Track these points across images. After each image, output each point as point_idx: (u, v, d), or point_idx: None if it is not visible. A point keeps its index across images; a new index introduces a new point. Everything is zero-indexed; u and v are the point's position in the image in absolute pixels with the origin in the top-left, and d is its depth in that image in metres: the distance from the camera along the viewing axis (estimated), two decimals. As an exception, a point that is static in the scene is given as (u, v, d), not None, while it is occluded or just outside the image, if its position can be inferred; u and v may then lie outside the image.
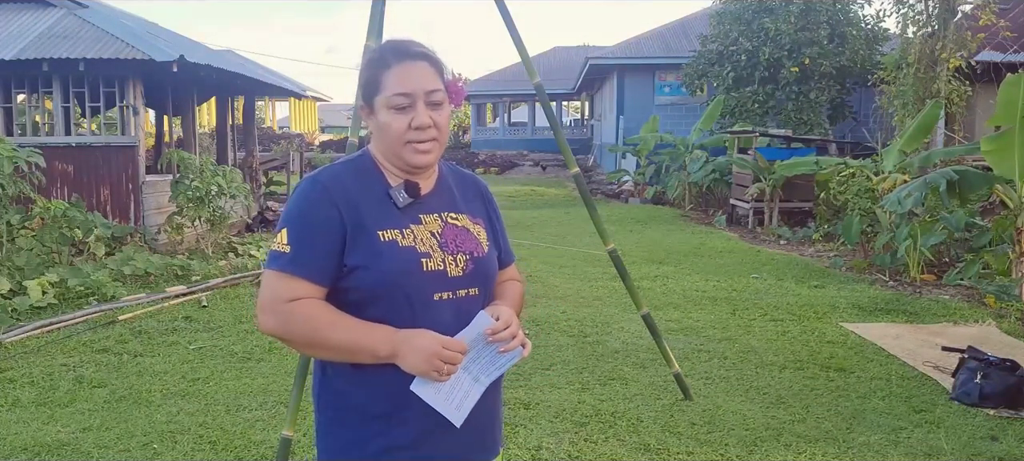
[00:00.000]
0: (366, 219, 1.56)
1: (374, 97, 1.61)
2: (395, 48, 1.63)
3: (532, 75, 4.10)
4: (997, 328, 5.92)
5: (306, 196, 1.58)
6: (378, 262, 1.54)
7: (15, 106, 9.93)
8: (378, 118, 1.62)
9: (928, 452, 3.69)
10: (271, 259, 1.57)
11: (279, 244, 1.56)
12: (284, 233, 1.56)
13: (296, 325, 1.53)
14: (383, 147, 1.63)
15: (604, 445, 3.75)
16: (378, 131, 1.63)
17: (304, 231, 1.55)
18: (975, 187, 7.21)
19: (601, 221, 4.36)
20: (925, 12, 10.95)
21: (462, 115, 45.42)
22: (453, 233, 1.65)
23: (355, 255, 1.54)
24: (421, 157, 1.61)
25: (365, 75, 1.63)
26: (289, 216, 1.58)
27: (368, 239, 1.55)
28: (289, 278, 1.54)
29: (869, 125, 14.89)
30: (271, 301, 1.55)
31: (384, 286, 1.54)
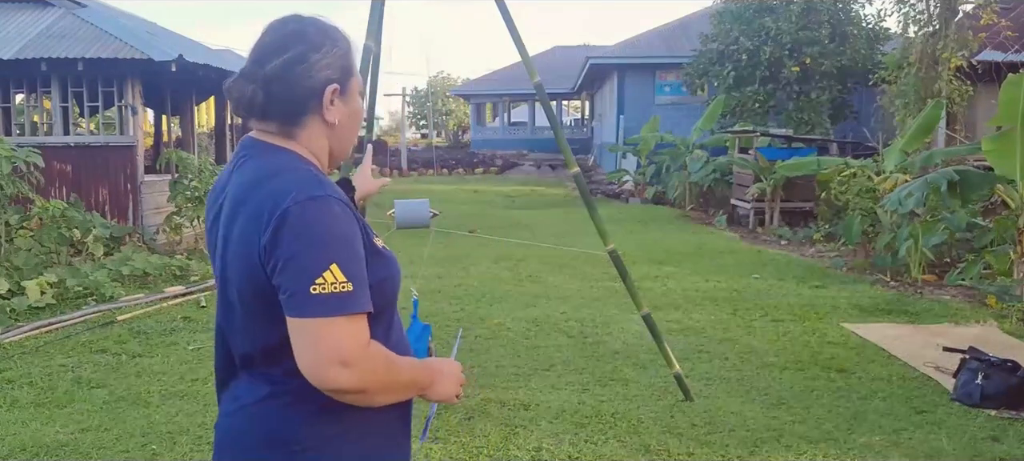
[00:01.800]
0: (368, 230, 1.45)
1: (350, 79, 1.46)
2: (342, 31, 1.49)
3: (532, 75, 4.09)
4: (998, 329, 5.90)
5: (334, 217, 1.33)
6: (388, 270, 1.46)
7: (13, 106, 9.92)
8: (351, 103, 1.47)
9: (929, 453, 3.68)
10: (332, 304, 1.28)
11: (334, 284, 1.28)
12: (335, 269, 1.29)
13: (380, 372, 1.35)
14: (341, 138, 1.48)
15: (604, 446, 3.73)
16: (350, 116, 1.47)
17: (354, 261, 1.33)
18: (976, 187, 7.19)
19: (601, 221, 4.34)
20: (926, 11, 10.94)
21: (462, 115, 45.47)
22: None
23: (373, 270, 1.40)
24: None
25: (342, 52, 1.45)
26: (331, 247, 1.31)
27: (375, 250, 1.44)
28: (361, 320, 1.32)
29: (870, 125, 14.86)
30: (354, 352, 1.30)
31: (395, 292, 1.49)
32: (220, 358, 1.50)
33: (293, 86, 1.40)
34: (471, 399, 4.35)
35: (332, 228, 1.31)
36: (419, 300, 4.80)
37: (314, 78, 1.41)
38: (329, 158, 1.49)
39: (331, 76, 1.42)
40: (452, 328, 5.84)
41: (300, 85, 1.40)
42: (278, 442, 1.38)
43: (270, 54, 1.40)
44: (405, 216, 4.70)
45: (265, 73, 1.39)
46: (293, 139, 1.43)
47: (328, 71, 1.41)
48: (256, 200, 1.34)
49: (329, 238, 1.30)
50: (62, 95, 9.40)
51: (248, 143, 1.45)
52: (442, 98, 46.76)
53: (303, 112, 1.42)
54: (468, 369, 4.88)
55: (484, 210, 14.80)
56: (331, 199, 1.33)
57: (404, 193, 15.15)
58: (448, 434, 3.88)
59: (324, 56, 1.41)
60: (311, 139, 1.44)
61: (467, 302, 6.74)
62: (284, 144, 1.43)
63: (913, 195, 7.08)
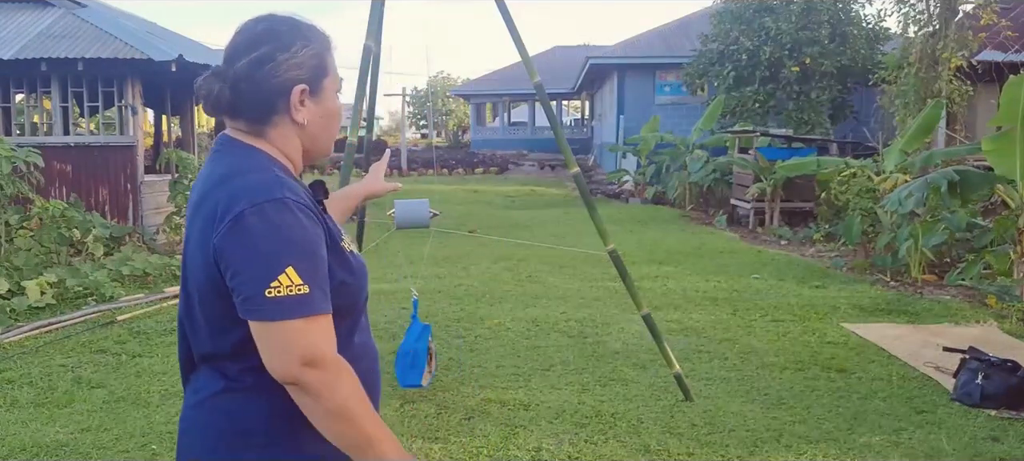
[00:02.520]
0: (332, 233, 1.44)
1: (323, 79, 1.44)
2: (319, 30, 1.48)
3: (532, 75, 4.09)
4: (998, 329, 5.90)
5: (292, 218, 1.32)
6: (352, 274, 1.46)
7: (13, 106, 9.92)
8: (325, 104, 1.45)
9: (929, 453, 3.68)
10: (288, 307, 1.28)
11: (291, 287, 1.28)
12: (291, 272, 1.29)
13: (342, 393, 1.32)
14: (314, 138, 1.46)
15: (604, 446, 3.73)
16: (324, 117, 1.46)
17: (311, 263, 1.32)
18: (976, 187, 7.19)
19: (601, 221, 4.34)
20: (926, 11, 10.94)
21: (462, 115, 45.48)
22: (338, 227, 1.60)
23: (335, 272, 1.40)
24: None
25: (313, 53, 1.43)
26: (286, 250, 1.30)
27: (340, 253, 1.44)
28: (322, 320, 1.32)
29: (870, 125, 14.87)
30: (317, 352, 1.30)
31: (359, 295, 1.49)
32: (182, 351, 1.51)
33: (260, 85, 1.40)
34: (471, 399, 4.35)
35: (287, 231, 1.30)
36: (419, 300, 4.80)
37: (281, 78, 1.40)
38: (304, 157, 1.49)
39: (300, 76, 1.41)
40: (452, 328, 5.84)
41: (267, 84, 1.40)
42: (238, 434, 1.38)
43: (240, 53, 1.40)
44: (405, 216, 4.70)
45: (234, 71, 1.39)
46: (263, 138, 1.43)
47: (297, 71, 1.40)
48: (214, 199, 1.34)
49: (284, 241, 1.29)
50: (62, 95, 9.40)
51: (222, 140, 1.46)
52: (442, 98, 46.78)
53: (272, 111, 1.42)
54: (468, 369, 4.88)
55: (484, 210, 14.80)
56: (288, 202, 1.32)
57: (404, 193, 15.13)
58: (448, 434, 3.88)
59: (293, 56, 1.40)
60: (281, 138, 1.43)
61: (467, 302, 6.73)
62: (254, 143, 1.42)
63: (913, 195, 7.08)
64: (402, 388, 4.36)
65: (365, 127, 5.08)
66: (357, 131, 3.98)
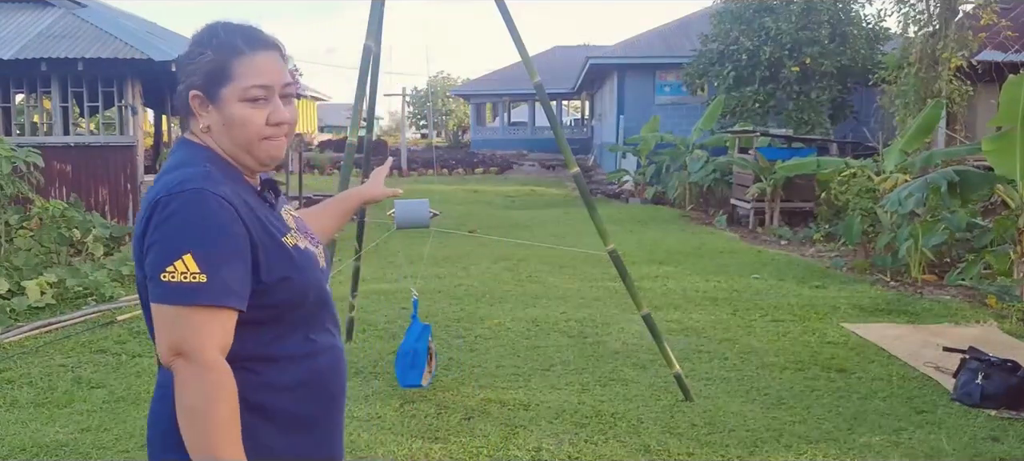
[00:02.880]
0: (269, 227, 1.45)
1: (221, 87, 1.44)
2: (246, 34, 1.47)
3: (532, 75, 4.09)
4: (998, 329, 5.90)
5: (204, 209, 1.34)
6: (298, 271, 1.46)
7: (13, 106, 9.92)
8: (225, 111, 1.44)
9: (929, 453, 3.68)
10: (179, 292, 1.31)
11: (186, 273, 1.30)
12: (188, 259, 1.31)
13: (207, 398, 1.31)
14: (231, 143, 1.46)
15: (604, 446, 3.73)
16: (226, 125, 1.45)
17: (218, 253, 1.33)
18: (976, 187, 7.19)
19: (601, 221, 4.34)
20: (926, 11, 10.93)
21: (462, 115, 45.49)
22: (302, 225, 1.62)
23: (273, 269, 1.42)
24: (278, 151, 1.49)
25: (210, 60, 1.44)
26: (189, 237, 1.32)
27: (280, 249, 1.44)
28: (217, 313, 1.33)
29: (870, 125, 14.87)
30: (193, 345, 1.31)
31: (305, 294, 1.48)
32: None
33: (180, 88, 1.49)
34: (471, 399, 4.35)
35: (196, 219, 1.33)
36: (419, 300, 4.80)
37: (185, 83, 1.47)
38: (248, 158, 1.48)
39: (194, 83, 1.45)
40: (452, 328, 5.85)
41: (181, 88, 1.49)
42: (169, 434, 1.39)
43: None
44: (405, 216, 4.69)
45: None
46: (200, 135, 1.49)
47: (193, 78, 1.45)
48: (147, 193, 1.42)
49: (189, 228, 1.32)
50: (62, 95, 9.40)
51: (178, 139, 1.54)
52: (442, 98, 46.78)
53: (189, 113, 1.49)
54: (468, 369, 4.88)
55: (484, 210, 14.80)
56: (205, 192, 1.34)
57: (404, 193, 15.14)
58: (448, 434, 3.88)
59: (194, 62, 1.45)
60: (211, 138, 1.48)
61: (467, 302, 6.74)
62: (197, 139, 1.49)
63: (913, 195, 7.08)
64: (402, 388, 4.36)
65: (365, 127, 5.08)
66: (357, 131, 3.98)
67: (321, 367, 1.54)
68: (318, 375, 1.53)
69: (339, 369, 1.61)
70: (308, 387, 1.51)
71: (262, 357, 1.45)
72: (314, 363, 1.52)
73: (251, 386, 1.42)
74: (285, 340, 1.48)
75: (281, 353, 1.48)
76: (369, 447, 3.72)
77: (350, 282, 5.44)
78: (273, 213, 1.51)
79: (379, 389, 4.53)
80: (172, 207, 1.34)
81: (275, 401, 1.46)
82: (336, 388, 1.60)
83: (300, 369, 1.50)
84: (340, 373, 1.62)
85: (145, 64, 8.98)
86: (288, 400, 1.48)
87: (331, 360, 1.58)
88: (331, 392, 1.58)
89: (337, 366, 1.60)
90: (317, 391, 1.53)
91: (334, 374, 1.59)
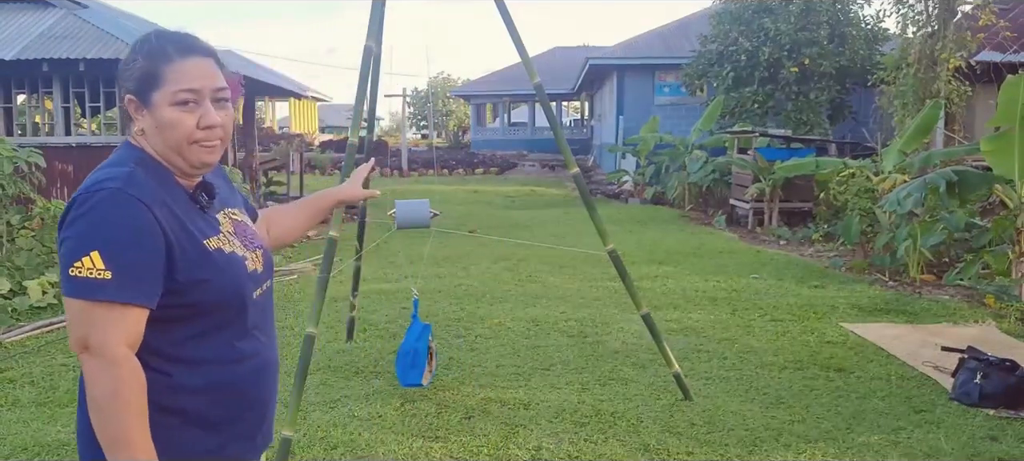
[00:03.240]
0: (190, 228, 1.47)
1: (152, 91, 1.48)
2: (177, 41, 1.51)
3: (532, 75, 4.10)
4: (997, 328, 5.92)
5: (117, 209, 1.38)
6: (218, 274, 1.48)
7: (15, 106, 9.93)
8: (156, 114, 1.48)
9: (928, 452, 3.69)
10: (84, 288, 1.35)
11: (92, 270, 1.34)
12: (95, 256, 1.34)
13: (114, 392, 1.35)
14: (162, 146, 1.50)
15: (604, 445, 3.75)
16: (158, 129, 1.48)
17: (126, 252, 1.37)
18: (975, 187, 7.21)
19: (601, 221, 4.36)
20: (925, 12, 10.95)
21: (462, 115, 45.50)
22: (242, 229, 1.64)
23: (189, 270, 1.44)
24: (209, 156, 1.52)
25: (141, 66, 1.49)
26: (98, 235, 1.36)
27: (199, 251, 1.47)
28: (122, 310, 1.36)
29: (869, 125, 14.88)
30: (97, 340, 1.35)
31: (224, 297, 1.50)
32: None
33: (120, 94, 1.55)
34: (471, 398, 4.37)
35: (107, 218, 1.37)
36: (419, 300, 4.82)
37: (122, 88, 1.53)
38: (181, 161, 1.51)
39: (128, 88, 1.50)
40: (452, 328, 5.86)
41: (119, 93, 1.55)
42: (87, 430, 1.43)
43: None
44: (405, 216, 4.72)
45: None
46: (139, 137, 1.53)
47: (127, 83, 1.51)
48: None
49: (98, 226, 1.36)
50: (64, 95, 9.41)
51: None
52: (442, 99, 46.78)
53: (128, 117, 1.54)
54: (468, 368, 4.90)
55: (484, 210, 14.82)
56: (120, 193, 1.38)
57: (404, 193, 15.16)
58: (448, 433, 3.89)
59: (128, 67, 1.50)
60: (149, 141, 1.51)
61: (467, 302, 6.75)
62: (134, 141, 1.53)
63: (912, 195, 7.10)
64: (403, 387, 4.38)
65: (366, 127, 5.10)
66: (358, 131, 4.00)
67: (241, 374, 1.54)
68: (236, 381, 1.54)
69: (264, 379, 1.61)
70: (222, 391, 1.52)
71: (174, 357, 1.46)
72: (233, 369, 1.53)
73: (161, 387, 1.43)
74: (201, 342, 1.49)
75: (195, 355, 1.48)
76: (370, 446, 3.74)
77: (351, 282, 5.45)
78: (203, 216, 1.53)
79: (379, 388, 4.55)
80: (87, 205, 1.38)
81: (185, 403, 1.47)
82: (257, 395, 1.59)
83: (215, 373, 1.50)
84: (264, 383, 1.61)
85: (146, 65, 9.00)
86: (200, 402, 1.49)
87: (255, 368, 1.57)
88: (250, 398, 1.57)
89: (261, 375, 1.60)
90: (233, 396, 1.54)
91: (256, 383, 1.58)
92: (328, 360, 5.05)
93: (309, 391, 4.37)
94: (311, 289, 6.72)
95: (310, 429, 3.92)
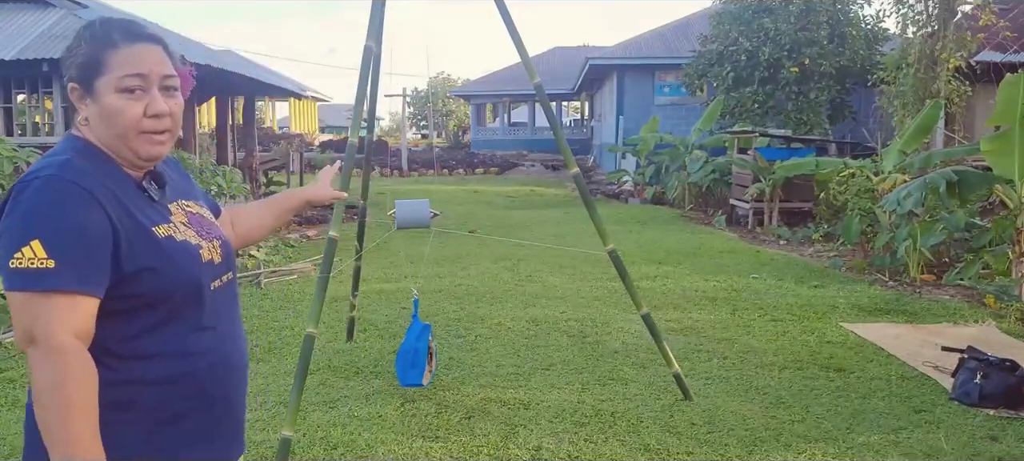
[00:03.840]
0: (137, 216, 1.42)
1: (95, 78, 1.44)
2: (123, 27, 1.47)
3: (532, 75, 4.10)
4: (997, 328, 5.92)
5: (58, 196, 1.34)
6: (168, 262, 1.43)
7: (15, 106, 9.94)
8: (101, 102, 1.44)
9: (928, 452, 3.69)
10: (27, 278, 1.30)
11: (33, 259, 1.29)
12: (36, 245, 1.30)
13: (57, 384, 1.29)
14: (108, 135, 1.45)
15: (604, 445, 3.75)
16: (102, 117, 1.44)
17: (68, 239, 1.32)
18: (975, 187, 7.20)
19: (601, 221, 4.36)
20: (925, 12, 10.95)
21: (462, 115, 45.51)
22: (197, 220, 1.58)
23: (138, 258, 1.39)
24: (157, 149, 1.48)
25: (84, 52, 1.44)
26: (38, 223, 1.31)
27: (147, 238, 1.42)
28: (68, 299, 1.31)
29: (869, 125, 14.89)
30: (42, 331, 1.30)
31: (176, 286, 1.44)
32: None
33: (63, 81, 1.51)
34: (471, 398, 4.37)
35: (46, 205, 1.32)
36: (419, 300, 4.82)
37: (65, 76, 1.49)
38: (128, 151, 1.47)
39: (72, 75, 1.47)
40: (452, 328, 5.86)
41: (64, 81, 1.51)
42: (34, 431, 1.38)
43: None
44: (405, 216, 4.72)
45: None
46: (83, 127, 1.49)
47: (71, 70, 1.47)
48: None
49: (39, 214, 1.32)
50: (64, 95, 9.40)
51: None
52: (442, 99, 46.80)
53: (72, 106, 1.51)
54: (468, 368, 4.90)
55: (484, 210, 14.82)
56: (61, 179, 1.34)
57: (404, 193, 15.16)
58: (448, 433, 3.89)
59: (71, 55, 1.47)
60: (94, 131, 1.47)
61: (467, 302, 6.75)
62: (77, 133, 1.49)
63: (912, 195, 7.10)
64: (403, 387, 4.38)
65: (366, 127, 5.10)
66: (358, 131, 4.00)
67: (199, 368, 1.49)
68: (193, 375, 1.48)
69: (225, 376, 1.55)
70: (178, 385, 1.46)
71: (125, 353, 1.41)
72: (190, 362, 1.47)
73: (111, 383, 1.38)
74: (154, 336, 1.43)
75: (148, 349, 1.43)
76: (369, 446, 3.74)
77: (351, 282, 5.45)
78: (152, 204, 1.48)
79: (379, 388, 4.55)
80: (24, 194, 1.33)
81: (137, 397, 1.42)
82: (217, 393, 1.53)
83: (169, 366, 1.45)
84: (226, 381, 1.55)
85: (146, 65, 9.01)
86: (152, 396, 1.43)
87: (214, 363, 1.52)
88: (209, 395, 1.51)
89: (221, 372, 1.54)
90: (190, 391, 1.47)
91: (215, 379, 1.52)
92: (328, 360, 5.05)
93: (309, 391, 4.37)
94: (311, 289, 6.73)
95: (310, 429, 3.92)
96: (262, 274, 7.67)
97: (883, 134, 11.44)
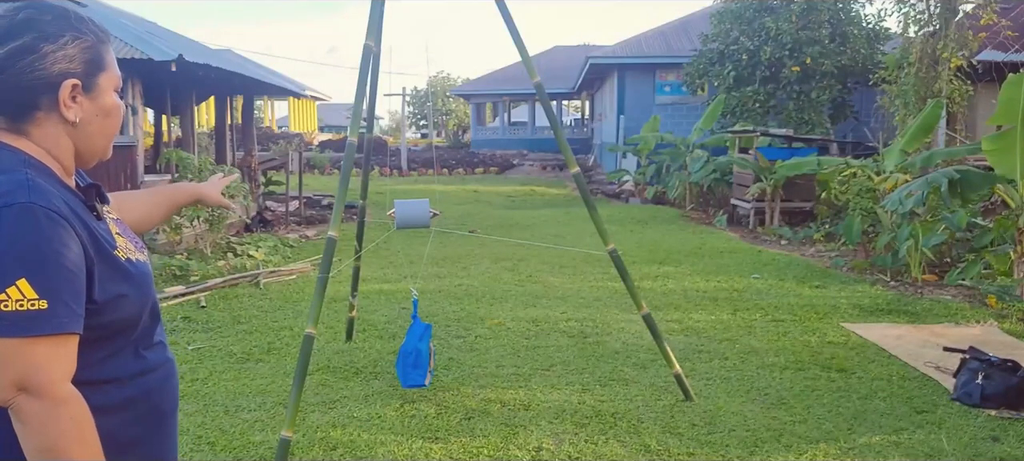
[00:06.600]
0: (100, 241, 1.30)
1: (98, 74, 1.32)
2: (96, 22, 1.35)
3: (532, 74, 4.09)
4: (998, 328, 5.90)
5: (38, 230, 1.19)
6: (135, 288, 1.35)
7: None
8: (100, 100, 1.33)
9: (929, 453, 3.68)
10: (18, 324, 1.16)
11: (22, 301, 1.15)
12: (24, 285, 1.16)
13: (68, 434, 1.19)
14: (89, 138, 1.34)
15: (604, 446, 3.73)
16: (98, 118, 1.34)
17: (54, 275, 1.18)
18: (976, 187, 7.19)
19: (601, 221, 4.34)
20: (927, 11, 10.94)
21: (462, 114, 45.50)
22: (123, 228, 1.48)
23: (110, 286, 1.29)
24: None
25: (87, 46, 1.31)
26: (21, 260, 1.17)
27: (113, 264, 1.31)
28: (63, 341, 1.19)
29: (870, 125, 14.88)
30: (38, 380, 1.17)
31: (140, 311, 1.37)
32: None
33: (20, 78, 1.26)
34: (471, 399, 4.35)
35: (26, 239, 1.17)
36: (419, 300, 4.81)
37: (47, 71, 1.27)
38: (78, 159, 1.36)
39: (70, 70, 1.29)
40: (452, 328, 5.85)
41: (28, 77, 1.26)
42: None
43: None
44: (405, 216, 4.70)
45: None
46: (24, 136, 1.30)
47: (66, 64, 1.28)
48: None
49: (19, 250, 1.17)
50: None
51: None
52: (442, 98, 46.80)
53: (34, 107, 1.29)
54: (468, 369, 4.88)
55: (484, 210, 14.80)
56: (33, 207, 1.19)
57: (404, 193, 15.15)
58: (448, 434, 3.88)
59: (61, 47, 1.28)
60: (47, 138, 1.30)
61: (467, 302, 6.74)
62: (12, 141, 1.29)
63: (913, 195, 7.08)
64: (403, 388, 4.36)
65: (365, 127, 5.08)
66: (357, 130, 3.98)
67: (151, 385, 1.42)
68: (148, 394, 1.41)
69: (170, 385, 1.50)
70: (136, 407, 1.39)
71: (88, 381, 1.29)
72: (144, 382, 1.40)
73: None
74: (114, 361, 1.35)
75: (110, 376, 1.34)
76: (369, 447, 3.72)
77: (350, 282, 5.44)
78: (101, 224, 1.35)
79: (379, 389, 4.53)
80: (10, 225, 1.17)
81: (100, 425, 1.29)
82: (167, 406, 1.48)
83: (128, 390, 1.37)
84: (171, 390, 1.50)
85: (145, 64, 8.98)
86: (114, 423, 1.34)
87: (163, 376, 1.46)
88: (162, 410, 1.46)
89: (167, 382, 1.48)
90: (146, 410, 1.41)
91: (164, 392, 1.47)
92: (327, 360, 5.03)
93: (308, 392, 4.35)
94: (310, 289, 6.72)
95: (309, 430, 3.90)
96: (261, 274, 7.66)
97: (884, 133, 11.41)
